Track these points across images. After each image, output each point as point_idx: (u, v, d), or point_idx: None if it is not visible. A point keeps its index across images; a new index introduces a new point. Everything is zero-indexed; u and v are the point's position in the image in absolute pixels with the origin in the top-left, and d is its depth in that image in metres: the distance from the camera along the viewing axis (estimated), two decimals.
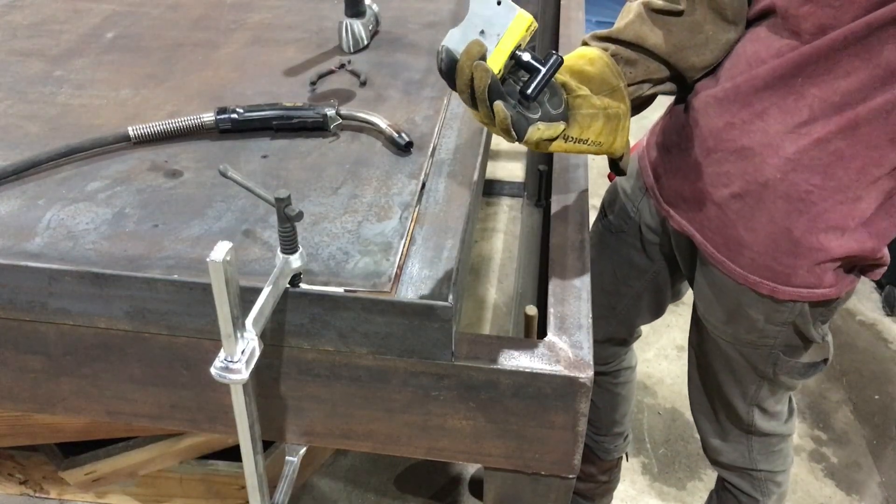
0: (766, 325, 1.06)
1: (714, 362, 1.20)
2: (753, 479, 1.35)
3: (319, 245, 0.80)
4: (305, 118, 0.98)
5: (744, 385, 1.18)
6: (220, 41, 1.25)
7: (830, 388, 2.15)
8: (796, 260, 0.98)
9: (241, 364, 0.64)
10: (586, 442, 1.67)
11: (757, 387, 1.17)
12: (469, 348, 0.78)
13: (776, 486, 1.36)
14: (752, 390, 1.18)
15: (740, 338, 1.11)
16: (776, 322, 1.06)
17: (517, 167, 3.06)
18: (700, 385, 1.28)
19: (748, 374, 1.16)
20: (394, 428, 0.83)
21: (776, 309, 1.04)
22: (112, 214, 0.85)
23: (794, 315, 1.04)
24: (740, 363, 1.15)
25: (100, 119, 1.03)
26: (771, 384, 1.16)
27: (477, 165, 0.94)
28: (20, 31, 1.29)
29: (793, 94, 0.92)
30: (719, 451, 1.33)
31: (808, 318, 1.06)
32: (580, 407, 0.77)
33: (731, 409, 1.24)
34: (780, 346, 1.09)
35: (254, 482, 0.76)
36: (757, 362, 1.13)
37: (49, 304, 0.79)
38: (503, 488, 0.90)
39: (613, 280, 1.37)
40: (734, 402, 1.22)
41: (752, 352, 1.12)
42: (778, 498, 1.39)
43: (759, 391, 1.18)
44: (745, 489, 1.37)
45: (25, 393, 0.89)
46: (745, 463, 1.32)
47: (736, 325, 1.10)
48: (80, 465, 1.40)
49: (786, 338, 1.08)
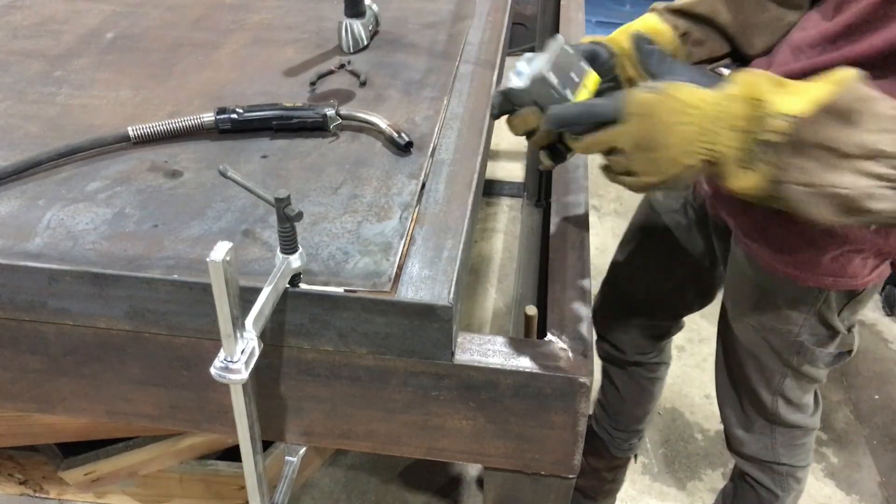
0: (791, 312, 1.06)
1: (739, 349, 1.20)
2: (775, 474, 1.34)
3: (319, 245, 0.80)
4: (305, 118, 0.98)
5: (768, 373, 1.17)
6: (219, 41, 1.25)
7: (830, 388, 2.15)
8: (820, 249, 0.97)
9: (240, 364, 0.64)
10: (600, 435, 1.67)
11: (781, 376, 1.17)
12: (469, 348, 0.78)
13: (796, 482, 1.35)
14: (776, 379, 1.17)
15: (765, 324, 1.10)
16: (801, 310, 1.05)
17: (517, 167, 3.06)
18: (726, 373, 1.27)
19: (772, 362, 1.15)
20: (394, 428, 0.83)
21: (801, 296, 1.03)
22: (112, 214, 0.85)
23: (819, 303, 1.03)
24: (765, 350, 1.14)
25: (100, 119, 1.03)
26: (795, 374, 1.15)
27: (477, 165, 0.94)
28: (20, 31, 1.29)
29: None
30: (743, 441, 1.31)
31: (833, 308, 1.04)
32: (580, 407, 0.77)
33: (756, 399, 1.23)
34: (805, 335, 1.08)
35: (254, 482, 0.76)
36: (781, 350, 1.12)
37: (49, 304, 0.79)
38: (503, 488, 0.90)
39: (658, 264, 1.36)
40: (759, 391, 1.21)
41: (777, 339, 1.11)
42: (796, 495, 1.38)
43: (783, 381, 1.17)
44: (765, 483, 1.35)
45: (25, 393, 0.89)
46: (768, 456, 1.31)
47: (761, 311, 1.09)
48: (80, 465, 1.41)
49: (811, 326, 1.07)
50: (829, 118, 0.64)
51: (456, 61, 1.18)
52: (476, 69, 1.16)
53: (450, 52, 1.21)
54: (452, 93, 1.09)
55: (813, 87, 0.66)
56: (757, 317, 1.11)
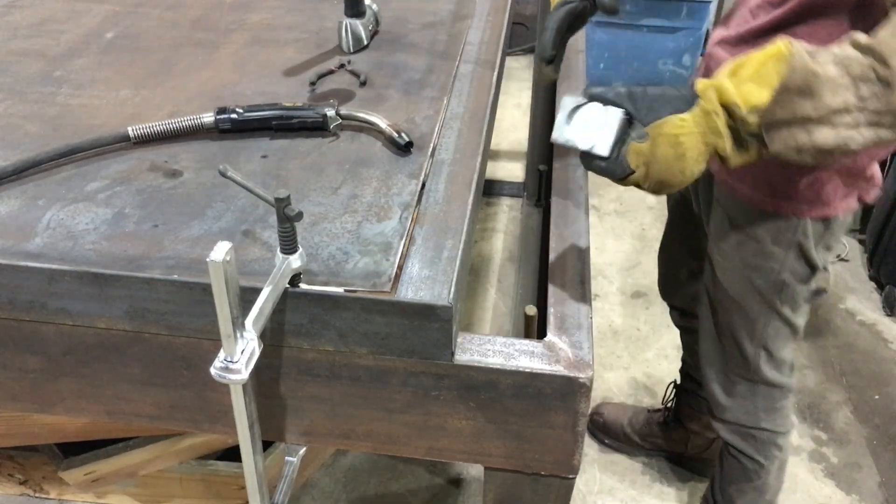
0: (773, 248, 1.14)
1: (725, 300, 1.26)
2: (757, 441, 1.41)
3: (319, 245, 0.80)
4: (305, 118, 0.98)
5: (752, 320, 1.25)
6: (219, 41, 1.25)
7: (830, 388, 2.15)
8: (794, 174, 1.06)
9: (240, 364, 0.64)
10: (688, 401, 1.76)
11: (765, 322, 1.24)
12: (469, 348, 0.78)
13: (778, 449, 1.42)
14: (760, 326, 1.25)
15: (750, 262, 1.18)
16: (782, 243, 1.14)
17: (517, 167, 3.06)
18: (711, 330, 1.34)
19: (757, 304, 1.23)
20: (394, 428, 0.83)
21: (781, 228, 1.12)
22: (112, 214, 0.85)
23: (798, 234, 1.12)
24: (750, 293, 1.22)
25: (100, 119, 1.03)
26: (778, 318, 1.24)
27: (477, 165, 0.94)
28: (20, 31, 1.29)
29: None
30: (725, 408, 1.39)
31: (810, 238, 1.13)
32: (580, 407, 0.77)
33: (740, 354, 1.30)
34: (786, 272, 1.17)
35: (254, 482, 0.76)
36: (765, 290, 1.20)
37: (49, 304, 0.79)
38: (503, 488, 0.90)
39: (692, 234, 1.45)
40: (743, 344, 1.28)
41: (761, 278, 1.19)
42: (780, 465, 1.45)
43: (766, 328, 1.25)
44: (748, 452, 1.43)
45: (25, 393, 0.89)
46: (750, 421, 1.39)
47: (744, 250, 1.17)
48: (80, 465, 1.40)
49: (791, 263, 1.16)
50: (791, 96, 0.77)
51: (456, 61, 1.18)
52: (476, 69, 1.16)
53: (450, 52, 1.21)
54: (452, 93, 1.09)
55: (763, 70, 0.78)
56: (741, 257, 1.19)
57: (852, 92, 0.76)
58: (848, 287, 2.51)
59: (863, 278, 2.56)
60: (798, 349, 2.28)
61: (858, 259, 2.63)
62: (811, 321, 2.37)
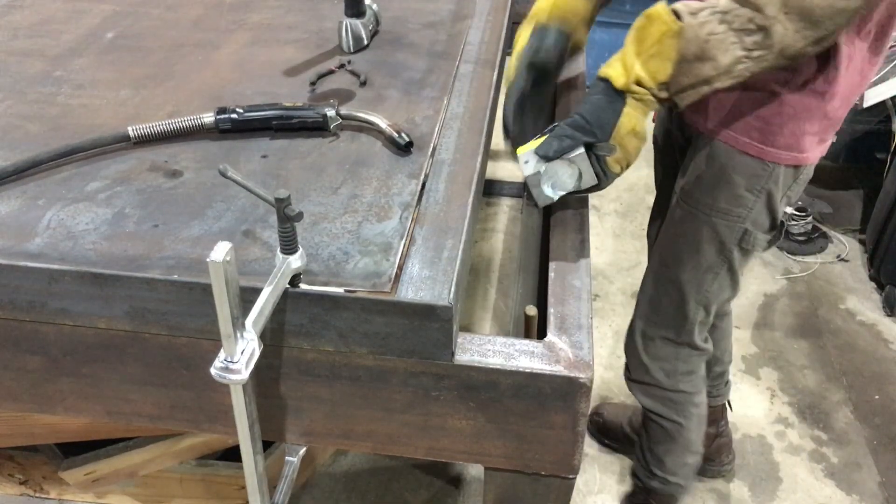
0: (745, 193, 1.19)
1: (681, 249, 1.30)
2: (675, 403, 1.49)
3: (319, 245, 0.80)
4: (305, 118, 0.98)
5: (701, 272, 1.30)
6: (219, 41, 1.25)
7: (830, 388, 2.15)
8: (783, 123, 1.12)
9: (240, 364, 0.64)
10: None
11: (713, 276, 1.30)
12: (469, 348, 0.78)
13: (695, 407, 1.51)
14: (707, 281, 1.31)
15: (719, 206, 1.22)
16: (753, 189, 1.18)
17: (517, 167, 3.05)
18: (653, 285, 1.39)
19: (711, 254, 1.27)
20: (394, 428, 0.83)
21: (757, 174, 1.17)
22: (112, 214, 0.85)
23: (770, 182, 1.17)
24: (708, 240, 1.26)
25: (100, 119, 1.03)
26: (726, 273, 1.30)
27: (477, 165, 0.94)
28: (20, 31, 1.29)
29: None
30: (646, 368, 1.45)
31: (780, 189, 1.19)
32: (580, 407, 0.77)
33: (680, 309, 1.35)
34: (749, 222, 1.22)
35: (254, 482, 0.76)
36: (725, 236, 1.24)
37: (49, 304, 0.79)
38: (503, 488, 0.90)
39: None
40: (686, 299, 1.33)
41: (724, 224, 1.23)
42: (698, 420, 1.53)
43: (712, 283, 1.31)
44: (668, 416, 1.51)
45: (25, 393, 0.89)
46: (668, 384, 1.46)
47: (717, 193, 1.21)
48: (80, 465, 1.40)
49: (757, 211, 1.21)
50: (689, 64, 0.91)
51: (456, 61, 1.18)
52: (476, 69, 1.16)
53: (450, 52, 1.21)
54: (452, 93, 1.09)
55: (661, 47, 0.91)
56: (712, 201, 1.22)
57: (739, 46, 0.90)
58: (848, 287, 2.51)
59: (863, 278, 2.56)
60: (798, 349, 2.28)
61: (858, 259, 2.63)
62: (811, 321, 2.37)
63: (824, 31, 0.90)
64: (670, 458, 1.60)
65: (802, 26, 0.89)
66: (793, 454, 1.97)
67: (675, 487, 1.65)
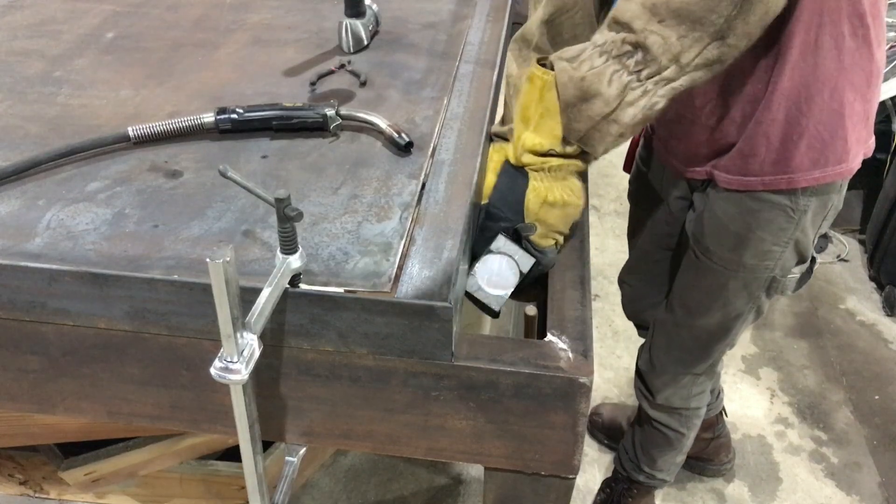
0: (772, 248, 1.15)
1: (704, 294, 1.27)
2: (682, 417, 1.52)
3: (319, 245, 0.80)
4: (305, 118, 0.98)
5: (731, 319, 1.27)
6: (219, 41, 1.25)
7: (830, 388, 2.15)
8: (789, 148, 1.06)
9: (240, 364, 0.64)
10: None
11: (742, 320, 1.28)
12: (469, 348, 0.78)
13: (698, 418, 1.55)
14: (736, 325, 1.28)
15: (744, 263, 1.18)
16: (781, 242, 1.14)
17: None
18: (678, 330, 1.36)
19: (740, 301, 1.24)
20: (394, 428, 0.83)
21: (783, 219, 1.12)
22: (112, 215, 0.85)
23: (798, 231, 1.13)
24: (736, 290, 1.22)
25: (100, 119, 1.03)
26: (753, 313, 1.27)
27: (477, 165, 0.94)
28: (20, 31, 1.29)
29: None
30: (665, 395, 1.47)
31: (809, 231, 1.14)
32: (580, 407, 0.77)
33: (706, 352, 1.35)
34: (778, 269, 1.18)
35: (254, 482, 0.76)
36: (753, 287, 1.21)
37: (49, 304, 0.79)
38: (503, 488, 0.90)
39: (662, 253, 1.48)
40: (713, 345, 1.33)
41: (751, 277, 1.19)
42: (697, 428, 1.58)
43: (741, 325, 1.29)
44: (673, 426, 1.54)
45: (25, 393, 0.89)
46: (682, 404, 1.49)
47: (742, 251, 1.16)
48: (80, 465, 1.40)
49: (785, 260, 1.17)
50: (577, 108, 0.84)
51: (456, 61, 1.18)
52: (476, 69, 1.16)
53: (450, 52, 1.21)
54: (452, 93, 1.09)
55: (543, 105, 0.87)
56: (737, 258, 1.18)
57: (625, 71, 0.83)
58: (848, 287, 2.51)
59: (863, 278, 2.56)
60: (798, 349, 2.28)
61: (858, 259, 2.63)
62: (811, 321, 2.37)
63: (715, 27, 0.80)
64: (663, 458, 1.62)
65: (686, 29, 0.80)
66: (793, 454, 1.97)
67: (661, 483, 1.69)
